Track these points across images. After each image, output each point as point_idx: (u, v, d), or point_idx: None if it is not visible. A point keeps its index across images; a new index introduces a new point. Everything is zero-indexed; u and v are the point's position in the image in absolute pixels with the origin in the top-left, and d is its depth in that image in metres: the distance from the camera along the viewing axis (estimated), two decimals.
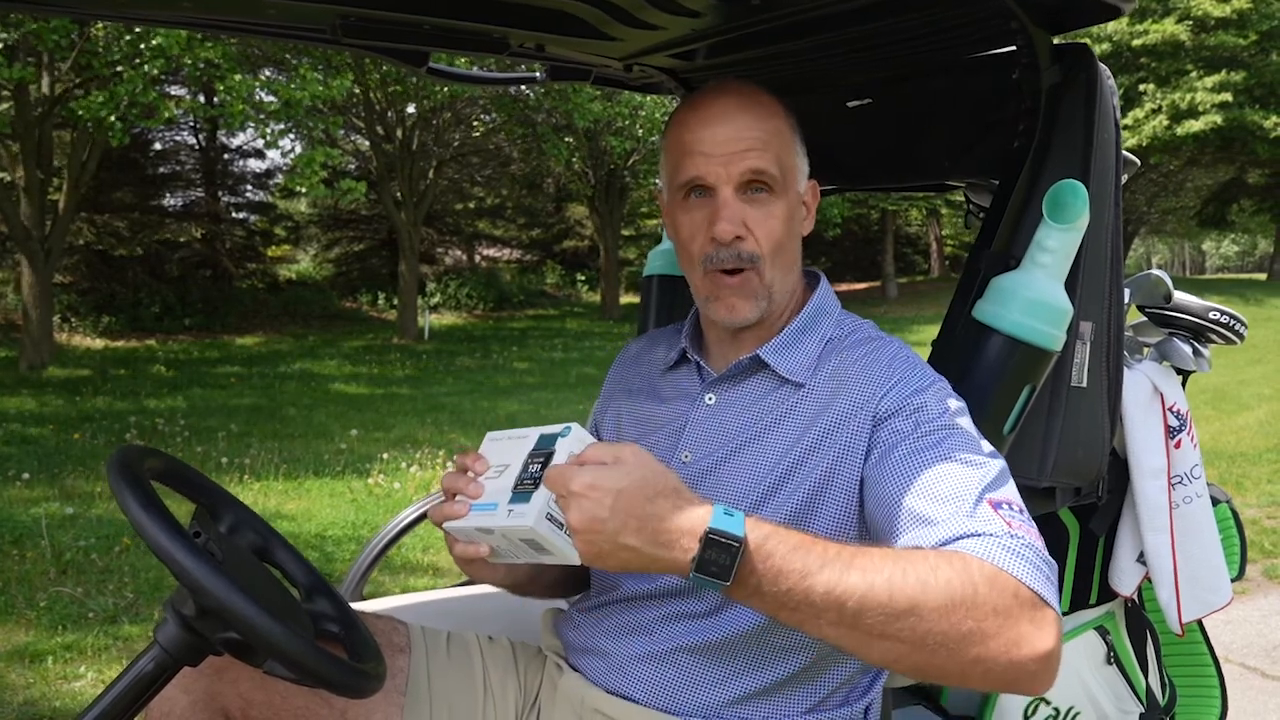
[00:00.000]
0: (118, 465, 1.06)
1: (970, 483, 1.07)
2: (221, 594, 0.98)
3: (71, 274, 18.12)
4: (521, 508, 1.08)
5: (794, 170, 1.29)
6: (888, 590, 0.94)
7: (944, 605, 0.93)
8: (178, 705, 1.24)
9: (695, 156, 1.26)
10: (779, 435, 1.24)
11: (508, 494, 1.11)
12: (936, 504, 1.06)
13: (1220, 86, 21.32)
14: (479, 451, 1.21)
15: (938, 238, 31.20)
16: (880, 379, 1.22)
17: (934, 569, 0.96)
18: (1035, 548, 1.01)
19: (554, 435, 1.13)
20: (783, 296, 1.30)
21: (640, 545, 0.95)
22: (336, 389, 11.76)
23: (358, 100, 16.74)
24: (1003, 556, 0.98)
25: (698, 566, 0.94)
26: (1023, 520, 1.05)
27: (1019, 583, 0.96)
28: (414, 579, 4.49)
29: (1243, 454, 7.42)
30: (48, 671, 3.38)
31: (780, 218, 1.26)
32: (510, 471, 1.14)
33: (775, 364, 1.28)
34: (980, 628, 0.93)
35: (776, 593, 0.95)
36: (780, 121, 1.28)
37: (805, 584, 0.94)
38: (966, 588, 0.94)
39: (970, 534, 1.01)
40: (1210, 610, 1.70)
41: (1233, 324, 1.73)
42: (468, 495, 1.16)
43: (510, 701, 1.37)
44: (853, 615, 0.94)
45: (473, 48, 1.50)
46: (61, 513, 5.40)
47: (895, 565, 0.96)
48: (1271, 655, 3.73)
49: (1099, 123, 1.43)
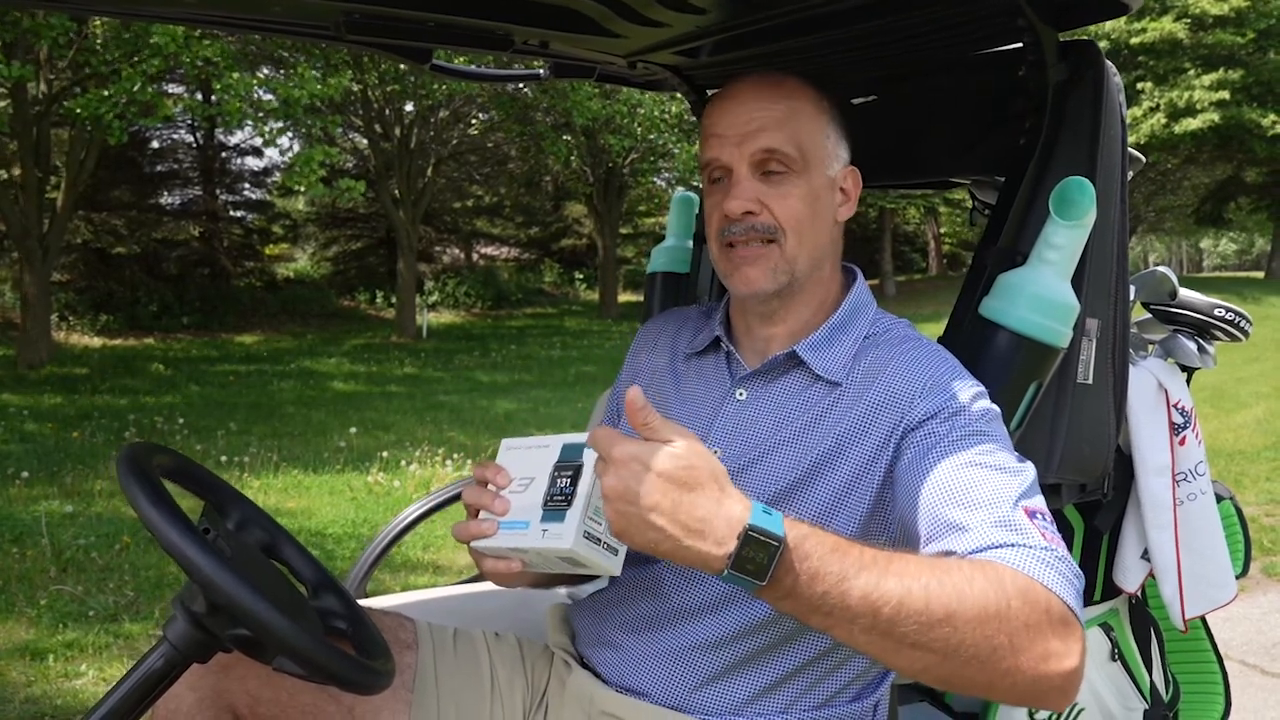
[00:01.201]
0: (127, 462, 1.05)
1: (1007, 490, 1.05)
2: (232, 590, 0.98)
3: (69, 272, 18.10)
4: (557, 528, 1.05)
5: (820, 151, 1.27)
6: (924, 598, 0.91)
7: (978, 616, 0.91)
8: (184, 702, 1.23)
9: (712, 139, 1.27)
10: (815, 435, 1.22)
11: (538, 511, 1.08)
12: (971, 510, 1.04)
13: (1218, 85, 21.34)
14: (497, 462, 1.17)
15: (935, 236, 31.22)
16: (918, 381, 1.20)
17: (970, 579, 0.93)
18: (1068, 560, 1.00)
19: (579, 445, 1.09)
20: (807, 274, 1.27)
21: (671, 529, 0.92)
22: (335, 387, 11.75)
23: (356, 98, 16.71)
24: (1038, 568, 0.96)
25: (734, 564, 0.90)
26: (1055, 531, 1.03)
27: (1051, 595, 0.95)
28: (415, 577, 4.49)
29: (1241, 452, 7.43)
30: (49, 670, 3.37)
31: (799, 196, 1.24)
32: (537, 486, 1.10)
33: (811, 361, 1.26)
34: (1012, 642, 0.92)
35: (811, 596, 0.92)
36: (802, 102, 1.27)
37: (842, 588, 0.91)
38: (1001, 600, 0.92)
39: (1005, 544, 0.99)
40: (1214, 606, 1.70)
41: (1238, 320, 1.73)
42: (494, 512, 1.12)
43: (518, 699, 1.37)
44: (887, 622, 0.91)
45: (477, 45, 1.50)
46: (61, 511, 5.40)
47: (932, 574, 0.93)
48: (1271, 652, 3.74)
49: (1105, 120, 1.43)
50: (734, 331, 1.37)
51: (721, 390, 1.33)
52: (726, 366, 1.35)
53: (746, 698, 1.21)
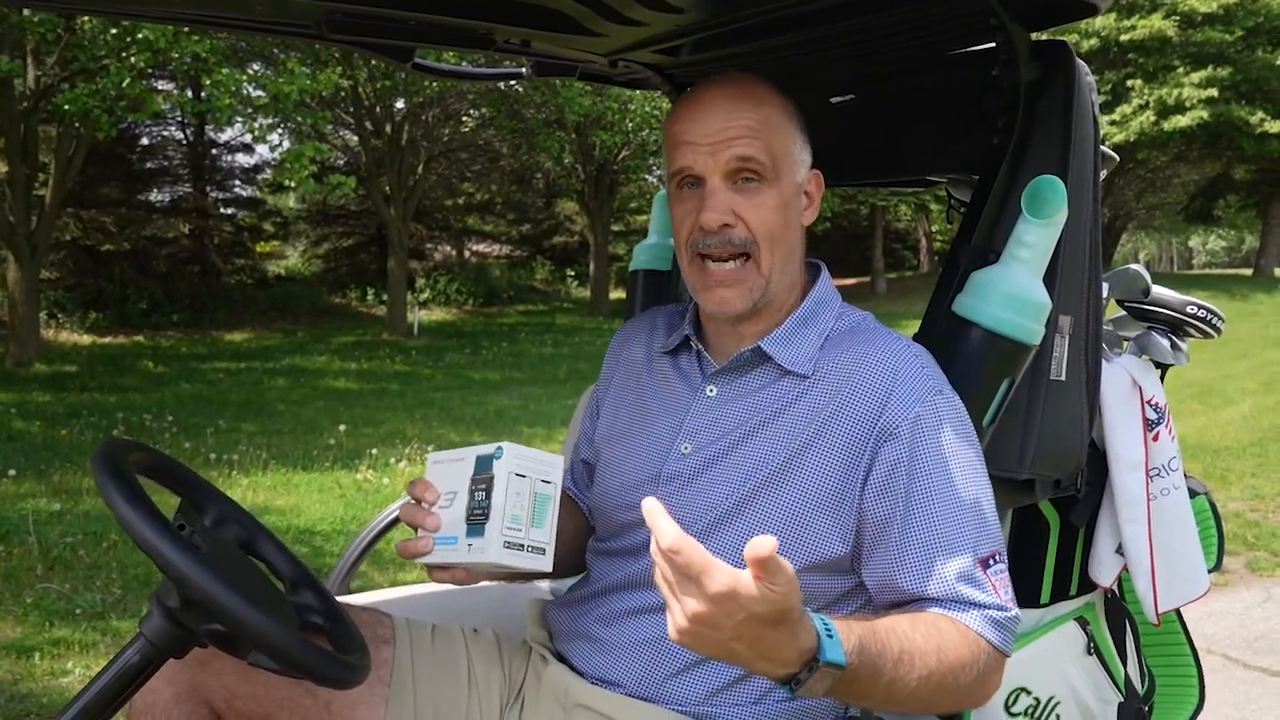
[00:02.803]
0: (102, 458, 1.06)
1: (965, 537, 1.18)
2: (205, 585, 0.99)
3: (58, 270, 18.03)
4: (479, 542, 1.11)
5: (789, 159, 1.29)
6: (930, 684, 1.07)
7: (955, 686, 1.10)
8: (161, 697, 1.24)
9: (683, 147, 1.27)
10: (780, 427, 1.25)
11: (462, 525, 1.14)
12: (934, 559, 1.17)
13: (1207, 82, 21.42)
14: (426, 478, 1.23)
15: (927, 233, 31.28)
16: (883, 381, 1.23)
17: (959, 653, 1.11)
18: (1014, 617, 1.17)
19: (489, 457, 1.14)
20: (782, 286, 1.30)
21: (745, 654, 0.95)
22: (325, 385, 11.73)
23: (346, 95, 16.67)
24: (990, 630, 1.15)
25: (795, 686, 0.97)
26: (1002, 573, 1.19)
27: (995, 651, 1.15)
28: (403, 574, 4.49)
29: (1227, 448, 7.48)
30: (35, 667, 3.37)
31: (772, 207, 1.26)
32: (460, 500, 1.16)
33: (777, 355, 1.28)
34: (969, 696, 1.14)
35: (845, 691, 1.03)
36: (773, 110, 1.28)
37: (871, 687, 1.03)
38: (971, 670, 1.11)
39: (969, 602, 1.16)
40: (1186, 600, 1.71)
41: (1209, 318, 1.75)
42: (426, 528, 1.18)
43: (495, 694, 1.38)
44: (890, 703, 1.08)
45: (459, 43, 1.51)
46: (49, 509, 5.39)
47: (936, 658, 1.09)
48: (1253, 646, 3.77)
49: (1077, 119, 1.44)
50: (704, 331, 1.39)
51: (693, 387, 1.35)
52: (698, 364, 1.37)
53: (719, 686, 1.22)
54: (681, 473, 1.29)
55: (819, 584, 1.23)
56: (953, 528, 1.17)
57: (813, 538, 1.21)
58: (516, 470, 1.13)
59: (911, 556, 1.18)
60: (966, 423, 1.25)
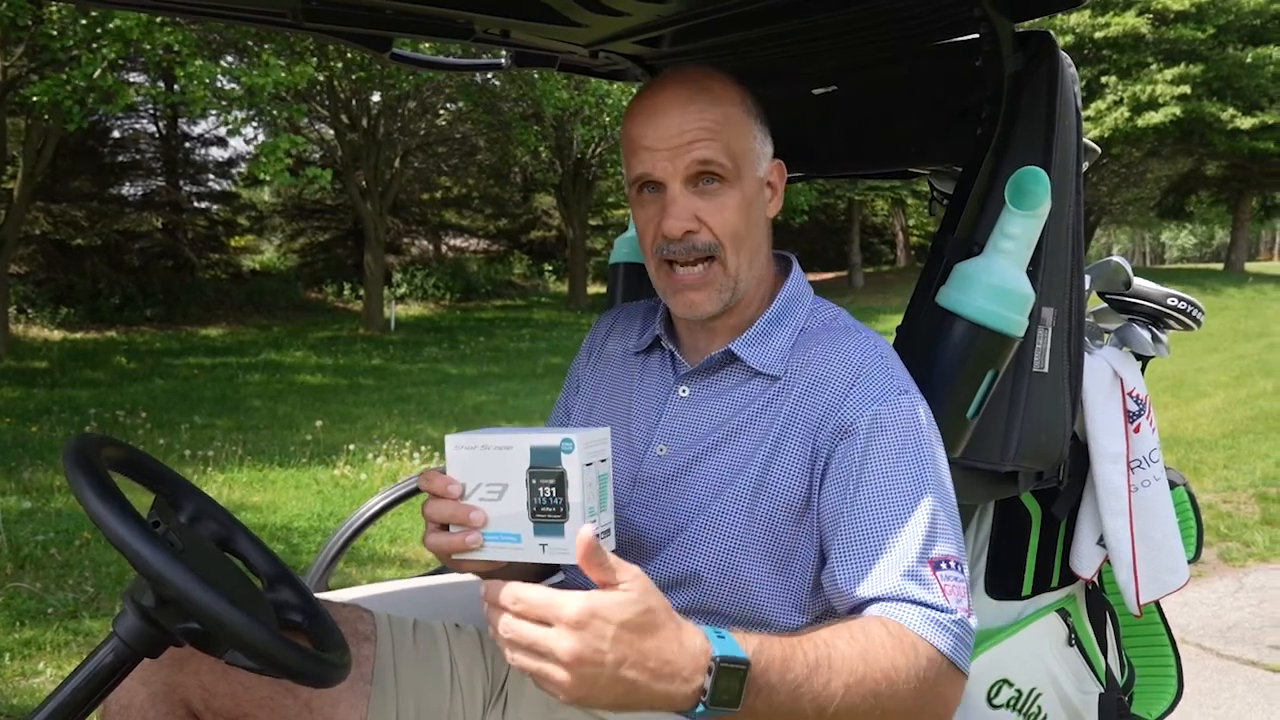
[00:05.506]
0: (74, 454, 1.03)
1: (915, 537, 1.12)
2: (180, 583, 0.97)
3: (28, 264, 17.75)
4: (558, 543, 1.03)
5: (750, 155, 1.26)
6: (860, 691, 0.99)
7: (893, 694, 1.02)
8: (137, 698, 1.22)
9: (642, 152, 1.24)
10: (754, 431, 1.23)
11: (526, 523, 1.04)
12: (875, 556, 1.11)
13: (1179, 79, 21.65)
14: (448, 462, 1.09)
15: (903, 228, 31.44)
16: (846, 379, 1.22)
17: (891, 657, 1.02)
18: (960, 621, 1.09)
19: (554, 450, 1.03)
20: (750, 282, 1.29)
21: (641, 678, 0.88)
22: (302, 380, 11.63)
23: (321, 88, 16.52)
24: (935, 633, 1.07)
25: (712, 698, 0.90)
26: (958, 578, 1.12)
27: (944, 659, 1.06)
28: (382, 570, 4.46)
29: (1200, 440, 7.56)
30: (5, 668, 3.32)
31: (734, 207, 1.24)
32: (513, 494, 1.05)
33: (748, 357, 1.27)
34: (914, 705, 1.04)
35: (769, 710, 0.95)
36: (731, 107, 1.25)
37: (795, 694, 0.97)
38: (912, 677, 1.03)
39: (905, 599, 1.09)
40: (1167, 591, 1.73)
41: (1190, 310, 1.76)
42: (471, 524, 1.07)
43: (478, 690, 1.37)
44: (823, 714, 0.99)
45: (437, 33, 1.49)
46: (19, 507, 5.30)
47: (863, 662, 1.01)
48: (1226, 636, 3.82)
49: (1060, 110, 1.45)
50: (675, 330, 1.38)
51: (665, 388, 1.34)
52: (670, 365, 1.36)
53: None
54: (657, 476, 1.29)
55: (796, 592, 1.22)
56: (897, 526, 1.12)
57: (789, 541, 1.21)
58: (586, 460, 1.04)
59: (853, 551, 1.13)
60: (931, 426, 1.22)
